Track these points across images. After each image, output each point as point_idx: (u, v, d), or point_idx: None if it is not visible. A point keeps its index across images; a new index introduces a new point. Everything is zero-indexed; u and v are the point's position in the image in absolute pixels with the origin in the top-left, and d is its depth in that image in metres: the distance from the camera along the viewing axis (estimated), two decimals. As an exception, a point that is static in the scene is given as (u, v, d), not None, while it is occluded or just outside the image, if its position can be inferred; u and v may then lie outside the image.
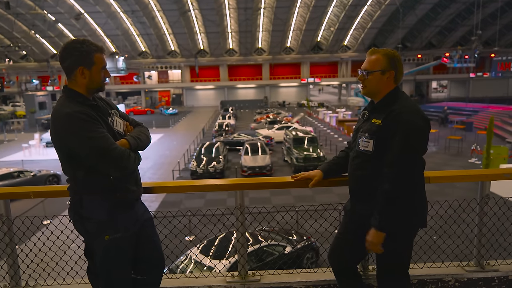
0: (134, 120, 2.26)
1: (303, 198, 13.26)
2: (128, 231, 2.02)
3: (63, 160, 1.94)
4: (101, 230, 1.96)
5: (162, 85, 61.80)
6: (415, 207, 2.04)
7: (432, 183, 2.41)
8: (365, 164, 2.07)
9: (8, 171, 15.10)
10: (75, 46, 1.89)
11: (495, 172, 2.63)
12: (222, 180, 2.51)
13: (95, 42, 1.99)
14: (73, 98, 1.91)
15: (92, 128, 1.83)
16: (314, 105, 49.71)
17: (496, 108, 32.95)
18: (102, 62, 1.95)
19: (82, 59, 1.89)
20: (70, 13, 46.03)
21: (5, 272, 2.45)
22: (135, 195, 2.10)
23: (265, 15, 50.54)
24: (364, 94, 2.13)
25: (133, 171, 2.09)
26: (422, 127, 1.92)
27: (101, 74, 1.97)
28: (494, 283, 2.51)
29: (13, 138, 31.29)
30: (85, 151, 1.84)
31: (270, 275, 2.55)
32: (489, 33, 48.06)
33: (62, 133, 1.85)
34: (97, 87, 1.98)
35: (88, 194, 1.95)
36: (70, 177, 1.98)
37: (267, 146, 20.75)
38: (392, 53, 2.04)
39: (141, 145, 2.10)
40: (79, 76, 1.91)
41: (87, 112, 1.86)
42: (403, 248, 2.09)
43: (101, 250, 1.99)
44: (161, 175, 18.26)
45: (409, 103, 1.99)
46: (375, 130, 1.99)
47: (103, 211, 1.95)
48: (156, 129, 34.03)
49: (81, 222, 1.98)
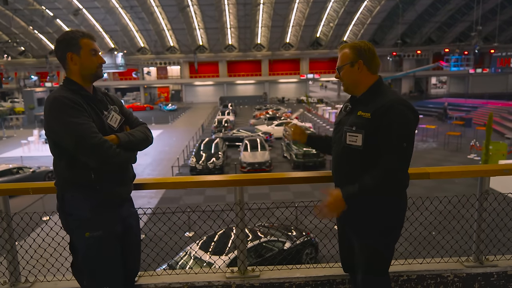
0: (137, 119, 2.23)
1: (302, 194, 13.28)
2: (109, 231, 1.99)
3: (51, 147, 1.96)
4: (82, 226, 1.95)
5: (161, 81, 61.64)
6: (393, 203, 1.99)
7: (432, 179, 2.41)
8: (352, 159, 1.98)
9: (7, 168, 15.09)
10: (61, 36, 1.95)
11: (494, 168, 2.63)
12: (221, 176, 2.51)
13: (84, 30, 2.01)
14: (67, 86, 1.95)
15: (74, 114, 1.82)
16: (313, 101, 49.64)
17: (495, 104, 32.95)
18: (89, 45, 1.95)
19: (69, 45, 1.92)
20: (68, 8, 45.75)
21: (5, 268, 2.45)
22: (120, 195, 2.06)
23: (264, 11, 50.33)
24: (345, 91, 2.08)
25: (120, 170, 2.04)
26: (412, 120, 1.88)
27: (93, 59, 1.96)
28: (492, 278, 2.52)
29: (12, 134, 31.24)
30: (63, 136, 1.83)
31: (270, 270, 2.55)
32: (488, 28, 47.93)
33: (47, 117, 1.87)
34: (91, 72, 1.97)
35: (71, 190, 1.94)
36: (55, 167, 1.97)
37: (267, 142, 20.76)
38: (358, 44, 1.99)
39: (135, 142, 2.04)
40: (70, 63, 1.94)
41: (74, 99, 1.86)
42: (378, 246, 2.02)
43: (83, 246, 1.98)
44: (160, 171, 18.27)
45: (397, 96, 1.93)
46: (364, 123, 1.90)
47: (84, 208, 1.94)
48: (155, 125, 34.00)
49: (63, 217, 1.99)
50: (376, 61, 2.00)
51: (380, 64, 2.03)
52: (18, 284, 2.46)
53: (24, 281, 2.50)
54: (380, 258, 2.04)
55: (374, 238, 2.00)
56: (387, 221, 2.00)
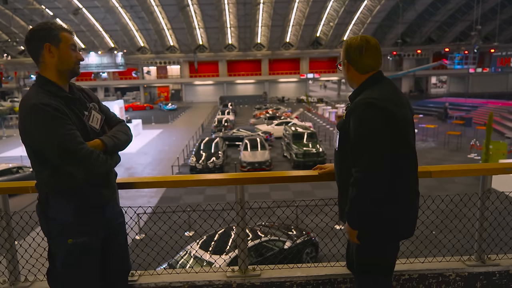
0: (115, 116, 2.13)
1: (303, 193, 13.27)
2: (94, 235, 1.91)
3: (30, 155, 1.83)
4: (65, 232, 1.85)
5: (161, 81, 61.63)
6: (388, 216, 1.87)
7: (433, 178, 2.39)
8: (337, 158, 2.07)
9: (7, 167, 15.07)
10: (39, 26, 1.81)
11: (496, 167, 2.61)
12: (221, 175, 2.49)
13: (63, 24, 1.93)
14: (44, 87, 1.79)
15: (57, 124, 1.68)
16: (313, 101, 49.64)
17: (496, 104, 32.93)
18: (69, 40, 1.83)
19: (48, 36, 1.78)
20: (68, 8, 45.72)
21: (4, 267, 2.44)
22: (105, 197, 1.98)
23: (264, 10, 50.30)
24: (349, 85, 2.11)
25: (106, 173, 1.97)
26: (373, 118, 1.74)
27: (72, 54, 1.84)
28: (495, 277, 2.51)
29: (12, 134, 31.21)
30: (48, 149, 1.71)
31: (270, 270, 2.54)
32: (488, 28, 47.92)
33: (27, 126, 1.72)
34: (68, 68, 1.84)
35: (55, 194, 1.84)
36: (37, 173, 1.86)
37: (267, 142, 20.74)
38: (348, 43, 1.95)
39: (119, 144, 1.96)
40: (47, 55, 1.79)
41: (55, 106, 1.71)
42: (375, 252, 1.97)
43: (63, 253, 1.87)
44: (160, 170, 18.26)
45: (373, 93, 1.82)
46: (341, 124, 1.94)
47: (68, 213, 1.85)
48: (155, 124, 34.00)
49: (45, 222, 1.87)
50: (364, 61, 1.90)
51: (372, 64, 1.92)
52: (18, 283, 2.45)
53: (23, 280, 2.49)
54: (368, 259, 2.01)
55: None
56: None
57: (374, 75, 1.92)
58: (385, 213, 1.86)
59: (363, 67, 1.92)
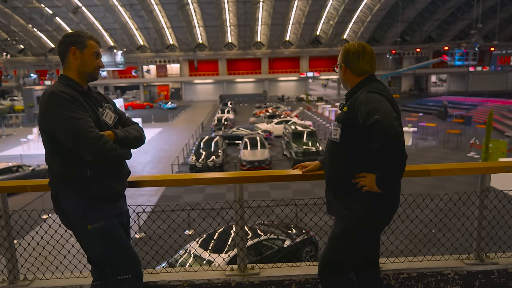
0: (129, 119, 2.26)
1: (302, 192, 13.28)
2: (110, 220, 2.01)
3: (45, 143, 1.96)
4: (82, 220, 1.97)
5: (160, 79, 61.56)
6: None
7: (432, 176, 2.40)
8: (333, 152, 2.11)
9: (7, 166, 15.07)
10: (71, 32, 2.03)
11: (496, 165, 2.62)
12: (221, 174, 2.49)
13: (93, 35, 2.08)
14: (64, 81, 1.97)
15: (71, 108, 1.84)
16: (313, 99, 49.63)
17: (495, 102, 32.92)
18: (94, 47, 2.03)
19: (75, 42, 1.98)
20: (68, 6, 45.65)
21: (3, 266, 2.44)
22: (116, 191, 2.07)
23: (264, 9, 50.23)
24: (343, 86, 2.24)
25: (116, 166, 2.06)
26: (379, 97, 1.90)
27: (94, 59, 2.02)
28: (493, 275, 2.51)
29: (12, 132, 31.21)
30: (60, 129, 1.84)
31: (269, 268, 2.55)
32: (489, 26, 47.87)
33: (43, 111, 1.87)
34: (89, 71, 2.01)
35: (65, 188, 1.95)
36: (49, 166, 1.98)
37: (266, 140, 20.74)
38: (346, 47, 2.12)
39: (130, 140, 2.08)
40: (71, 57, 1.98)
41: (71, 93, 1.88)
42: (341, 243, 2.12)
43: (89, 239, 2.00)
44: (160, 169, 18.27)
45: (372, 86, 1.99)
46: (343, 117, 2.03)
47: (81, 204, 1.95)
48: (155, 123, 33.98)
49: (62, 216, 2.00)
50: (361, 66, 2.07)
51: (368, 68, 2.09)
52: (17, 282, 2.45)
53: (23, 279, 2.49)
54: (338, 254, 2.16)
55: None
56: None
57: (369, 76, 2.10)
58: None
59: (359, 71, 2.09)
